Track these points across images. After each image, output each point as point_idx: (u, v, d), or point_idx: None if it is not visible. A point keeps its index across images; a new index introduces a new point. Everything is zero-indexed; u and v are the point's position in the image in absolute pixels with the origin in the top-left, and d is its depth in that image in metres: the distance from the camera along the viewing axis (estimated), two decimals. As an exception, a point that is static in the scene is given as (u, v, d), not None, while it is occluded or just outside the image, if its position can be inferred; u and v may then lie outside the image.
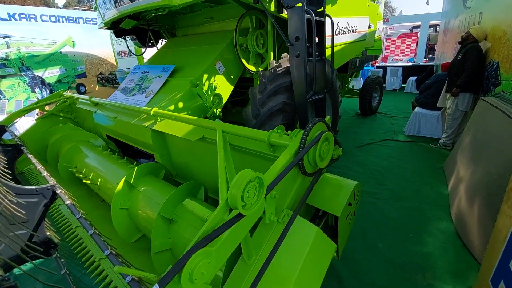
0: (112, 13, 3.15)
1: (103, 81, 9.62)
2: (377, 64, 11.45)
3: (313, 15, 2.17)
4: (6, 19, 7.26)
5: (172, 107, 2.64)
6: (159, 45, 4.48)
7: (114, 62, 9.98)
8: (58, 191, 1.79)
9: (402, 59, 14.15)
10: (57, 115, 4.38)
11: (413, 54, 13.93)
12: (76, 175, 2.89)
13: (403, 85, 10.51)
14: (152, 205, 2.08)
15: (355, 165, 3.94)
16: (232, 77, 3.20)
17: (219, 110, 2.94)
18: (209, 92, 2.82)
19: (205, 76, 2.89)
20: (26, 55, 7.72)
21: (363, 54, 5.78)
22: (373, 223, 2.67)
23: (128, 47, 4.13)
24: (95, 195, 2.83)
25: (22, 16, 7.52)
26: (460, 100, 3.99)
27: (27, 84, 7.86)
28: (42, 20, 7.98)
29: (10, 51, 7.41)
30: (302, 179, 1.46)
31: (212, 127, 1.85)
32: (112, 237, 2.06)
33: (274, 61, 2.88)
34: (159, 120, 2.39)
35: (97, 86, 9.72)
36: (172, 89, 2.90)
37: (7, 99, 7.57)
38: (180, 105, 2.69)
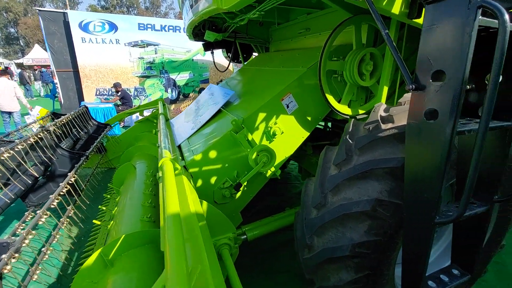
0: (187, 23, 2.67)
1: (221, 88, 10.25)
2: None
3: (507, 19, 0.76)
4: (159, 30, 8.70)
5: (199, 156, 1.80)
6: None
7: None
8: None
9: None
10: (152, 121, 4.50)
11: None
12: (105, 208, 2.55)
13: None
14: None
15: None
16: (309, 119, 2.05)
17: (271, 170, 1.88)
18: (255, 143, 1.80)
19: (261, 115, 1.89)
20: (167, 60, 9.06)
21: None
22: None
23: (214, 61, 3.68)
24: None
25: (170, 27, 8.84)
26: None
27: (163, 84, 9.23)
28: (184, 31, 9.16)
29: (156, 57, 8.85)
30: None
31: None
32: None
33: (383, 107, 1.53)
34: (164, 176, 1.61)
35: (216, 91, 10.46)
36: (217, 127, 2.08)
37: (148, 95, 9.14)
38: (213, 154, 1.82)
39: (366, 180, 1.29)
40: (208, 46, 3.62)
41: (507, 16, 0.75)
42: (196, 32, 3.23)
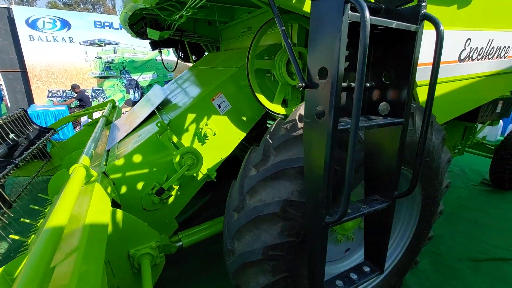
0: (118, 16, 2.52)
1: (187, 88, 10.01)
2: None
3: (367, 14, 0.75)
4: (117, 28, 8.29)
5: (121, 161, 1.69)
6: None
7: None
8: None
9: None
10: (102, 124, 4.22)
11: None
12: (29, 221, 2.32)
13: None
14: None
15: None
16: (245, 119, 2.01)
17: (201, 173, 1.81)
18: (182, 145, 1.72)
19: (190, 116, 1.81)
20: (127, 60, 8.66)
21: (513, 93, 3.46)
22: None
23: (162, 60, 3.54)
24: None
25: (130, 26, 8.46)
26: None
27: (124, 85, 8.81)
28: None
29: (115, 56, 8.43)
30: None
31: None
32: None
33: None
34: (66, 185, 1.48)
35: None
36: (146, 129, 1.97)
37: (107, 97, 8.67)
38: (137, 158, 1.71)
39: (279, 180, 1.26)
40: (155, 45, 3.47)
41: (367, 12, 0.74)
42: (140, 31, 3.08)
